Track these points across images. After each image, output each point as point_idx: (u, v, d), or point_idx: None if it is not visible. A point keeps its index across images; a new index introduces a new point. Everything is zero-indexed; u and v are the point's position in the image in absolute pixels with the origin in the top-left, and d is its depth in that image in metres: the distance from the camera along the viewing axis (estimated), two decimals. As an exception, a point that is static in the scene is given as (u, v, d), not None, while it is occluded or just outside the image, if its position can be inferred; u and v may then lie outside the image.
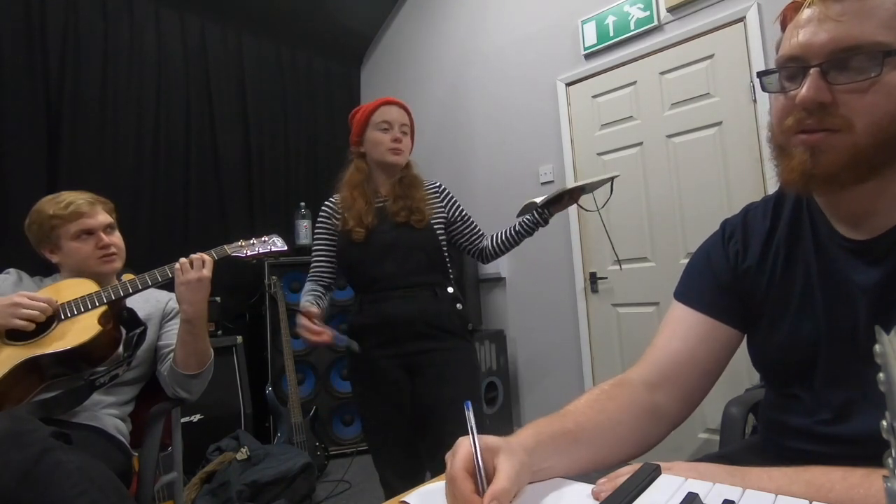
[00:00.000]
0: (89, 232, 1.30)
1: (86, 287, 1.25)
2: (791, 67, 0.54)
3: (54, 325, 1.18)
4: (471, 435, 0.48)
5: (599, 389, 0.65)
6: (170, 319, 1.42)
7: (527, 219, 1.51)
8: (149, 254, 2.59)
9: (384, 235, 1.40)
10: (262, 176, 3.26)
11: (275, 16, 3.30)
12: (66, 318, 1.19)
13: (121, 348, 1.25)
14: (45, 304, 1.14)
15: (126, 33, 2.72)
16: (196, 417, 2.40)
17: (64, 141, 2.45)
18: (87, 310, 1.20)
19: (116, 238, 1.37)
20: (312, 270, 1.49)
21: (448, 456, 0.49)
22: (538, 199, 1.48)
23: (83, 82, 2.54)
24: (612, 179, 1.48)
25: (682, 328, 0.69)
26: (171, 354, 1.32)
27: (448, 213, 1.52)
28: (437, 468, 1.34)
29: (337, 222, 1.46)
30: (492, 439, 0.49)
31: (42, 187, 2.31)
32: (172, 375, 1.29)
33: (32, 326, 1.12)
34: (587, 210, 1.62)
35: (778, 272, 0.65)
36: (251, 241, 1.39)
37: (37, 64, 2.40)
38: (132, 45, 2.74)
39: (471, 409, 0.49)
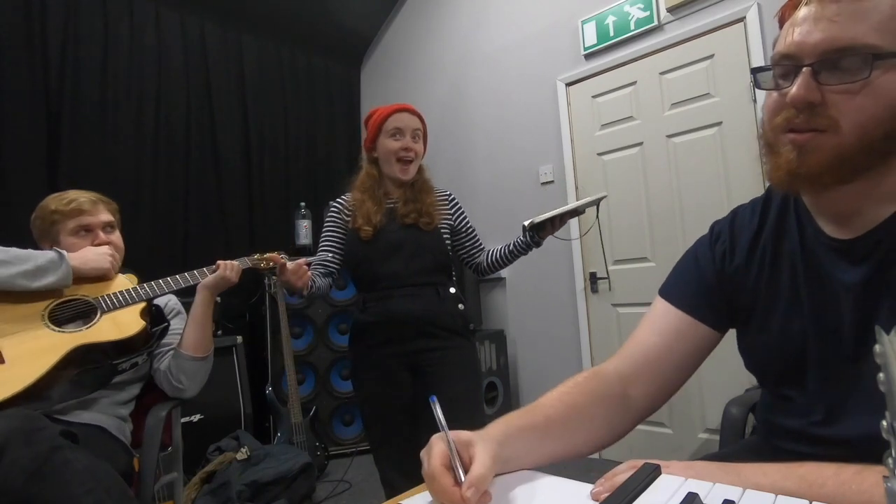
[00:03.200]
0: (87, 229, 1.32)
1: (123, 281, 1.31)
2: (785, 65, 0.55)
3: (98, 315, 1.21)
4: (442, 430, 0.50)
5: (573, 382, 0.67)
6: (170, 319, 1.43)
7: (521, 239, 1.50)
8: (149, 253, 2.59)
9: (392, 235, 1.43)
10: (261, 176, 3.26)
11: (275, 16, 3.30)
12: (109, 309, 1.23)
13: None
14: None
15: (126, 34, 2.72)
16: (196, 417, 2.40)
17: (64, 141, 2.45)
18: (127, 304, 1.26)
19: (115, 238, 1.38)
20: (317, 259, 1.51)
21: (423, 454, 0.50)
22: (526, 222, 1.46)
23: (83, 83, 2.54)
24: (599, 200, 1.47)
25: (660, 324, 0.71)
26: (170, 352, 1.35)
27: (455, 221, 1.56)
28: None
29: (347, 219, 1.49)
30: (464, 433, 0.51)
31: (42, 188, 2.31)
32: (178, 363, 1.32)
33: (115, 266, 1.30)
34: (563, 240, 1.57)
35: (765, 272, 0.65)
36: (266, 256, 1.48)
37: (37, 64, 2.40)
38: (132, 45, 2.74)
39: (437, 403, 0.51)
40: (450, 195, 1.57)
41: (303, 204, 3.14)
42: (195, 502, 1.99)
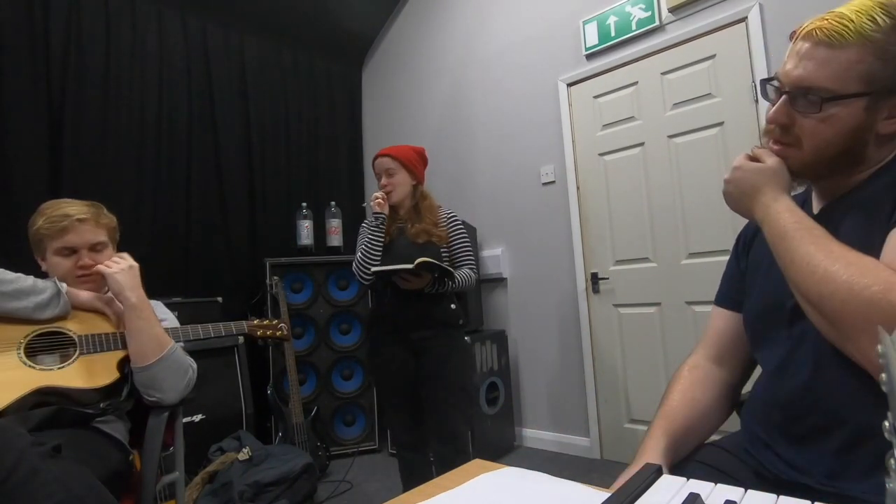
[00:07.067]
0: (72, 250, 1.28)
1: (101, 324, 1.27)
2: (777, 85, 0.72)
3: (76, 355, 1.18)
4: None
5: (687, 380, 0.83)
6: None
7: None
8: (150, 253, 2.59)
9: (403, 249, 1.75)
10: (263, 176, 3.26)
11: (276, 17, 3.30)
12: (88, 352, 1.20)
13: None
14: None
15: (128, 34, 2.72)
16: (198, 417, 2.41)
17: (66, 142, 2.45)
18: (108, 349, 1.23)
19: (104, 258, 1.31)
20: None
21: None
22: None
23: (85, 83, 2.54)
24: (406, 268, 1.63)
25: (719, 317, 0.88)
26: None
27: (447, 239, 1.84)
28: (439, 443, 1.75)
29: None
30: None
31: (44, 189, 2.32)
32: (136, 378, 1.26)
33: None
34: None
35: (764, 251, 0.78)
36: (264, 322, 1.55)
37: (39, 65, 2.41)
38: (134, 45, 2.74)
39: None
40: (450, 214, 1.87)
41: (304, 204, 3.14)
42: (197, 502, 1.99)
